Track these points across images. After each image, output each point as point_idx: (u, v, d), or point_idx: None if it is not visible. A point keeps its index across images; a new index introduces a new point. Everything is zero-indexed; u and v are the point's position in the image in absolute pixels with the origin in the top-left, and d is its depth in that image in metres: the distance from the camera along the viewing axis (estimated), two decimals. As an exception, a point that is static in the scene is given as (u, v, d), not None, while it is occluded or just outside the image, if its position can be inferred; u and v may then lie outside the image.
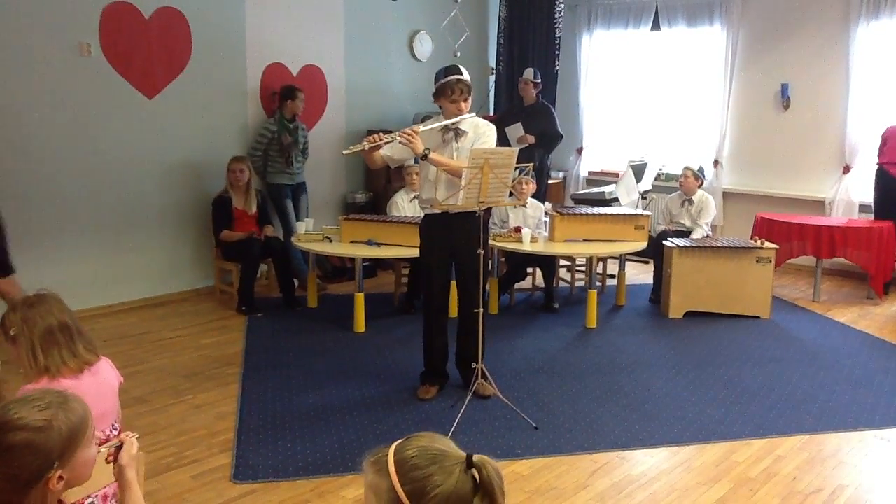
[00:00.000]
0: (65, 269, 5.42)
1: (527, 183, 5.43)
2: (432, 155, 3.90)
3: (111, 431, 2.22)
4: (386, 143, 3.89)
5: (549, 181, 7.81)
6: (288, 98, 6.23)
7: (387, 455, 1.33)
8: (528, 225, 5.78)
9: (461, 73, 3.98)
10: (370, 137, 3.88)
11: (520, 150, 4.44)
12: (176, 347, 4.96)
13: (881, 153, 6.49)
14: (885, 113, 6.61)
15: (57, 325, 2.18)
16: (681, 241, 5.79)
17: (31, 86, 5.20)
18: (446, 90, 3.95)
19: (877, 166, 6.54)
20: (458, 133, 4.04)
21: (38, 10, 5.14)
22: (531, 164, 4.29)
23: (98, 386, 2.20)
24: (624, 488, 3.25)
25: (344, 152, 4.00)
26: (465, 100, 3.97)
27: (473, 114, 4.09)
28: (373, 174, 7.32)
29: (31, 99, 5.19)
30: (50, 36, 5.22)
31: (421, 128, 3.95)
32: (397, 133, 3.88)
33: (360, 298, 5.32)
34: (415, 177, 5.78)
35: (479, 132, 4.07)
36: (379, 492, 1.31)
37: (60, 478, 1.52)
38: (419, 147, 3.85)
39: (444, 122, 4.01)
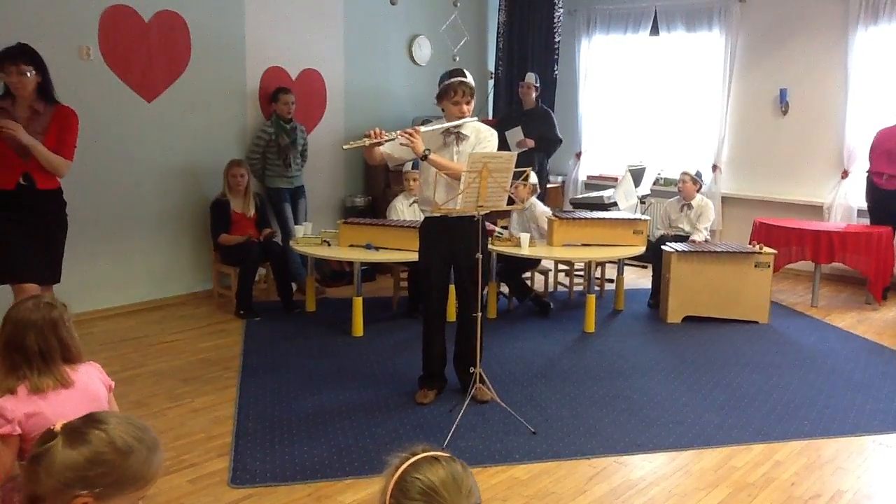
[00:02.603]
0: (63, 272, 5.40)
1: (515, 187, 5.43)
2: (432, 156, 3.89)
3: None
4: (387, 140, 3.88)
5: (548, 185, 7.82)
6: (273, 101, 6.25)
7: (402, 464, 1.32)
8: (527, 229, 5.80)
9: (465, 76, 3.98)
10: (372, 132, 3.86)
11: (519, 154, 4.44)
12: (174, 351, 4.95)
13: (870, 161, 6.53)
14: (883, 118, 6.61)
15: (15, 346, 2.15)
16: (679, 246, 5.79)
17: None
18: (449, 92, 3.95)
19: (866, 175, 6.58)
20: (459, 136, 4.04)
21: (38, 14, 5.14)
22: (528, 169, 4.28)
23: (74, 403, 2.14)
24: (622, 493, 3.25)
25: (344, 147, 3.99)
26: (468, 103, 3.97)
27: (476, 118, 4.09)
28: (372, 178, 7.33)
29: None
30: (49, 39, 5.21)
31: (422, 129, 3.95)
32: (399, 132, 3.88)
33: (358, 302, 5.32)
34: (412, 182, 5.79)
35: (481, 136, 4.06)
36: (381, 493, 1.32)
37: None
38: (420, 147, 3.85)
39: (446, 125, 4.01)
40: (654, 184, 7.65)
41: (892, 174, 6.33)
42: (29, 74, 3.90)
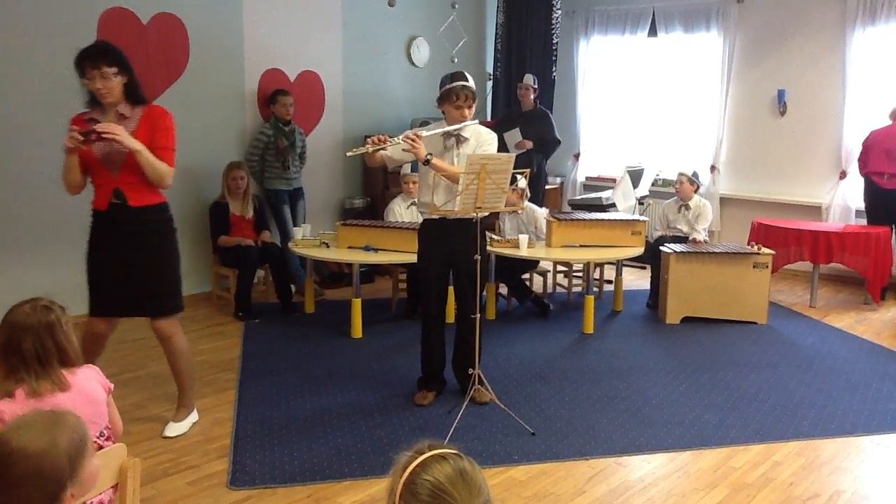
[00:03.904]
0: (62, 274, 5.41)
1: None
2: (434, 161, 3.90)
3: (97, 439, 2.20)
4: (390, 145, 3.89)
5: (547, 187, 7.83)
6: (272, 103, 6.25)
7: (410, 464, 1.31)
8: (524, 231, 5.81)
9: (467, 80, 3.99)
10: (374, 139, 3.88)
11: (517, 156, 4.44)
12: (173, 353, 4.94)
13: (866, 162, 6.49)
14: (881, 118, 6.61)
15: (13, 349, 2.15)
16: (678, 247, 5.80)
17: (29, 91, 5.20)
18: (451, 95, 3.96)
19: (863, 176, 6.56)
20: (459, 140, 4.04)
21: (35, 16, 5.15)
22: (526, 171, 4.29)
23: (72, 406, 2.09)
24: (621, 494, 3.25)
25: (348, 154, 4.00)
26: (470, 106, 3.98)
27: (476, 121, 4.09)
28: (371, 179, 7.33)
29: (28, 104, 5.19)
30: (47, 41, 5.22)
31: (424, 133, 3.96)
32: (401, 136, 3.89)
33: (357, 304, 5.32)
34: (412, 185, 5.80)
35: (481, 140, 4.07)
36: (390, 495, 1.32)
37: (72, 495, 1.55)
38: (422, 152, 3.85)
39: (447, 128, 4.01)
40: (653, 185, 7.65)
41: (893, 173, 6.32)
42: (113, 78, 3.40)
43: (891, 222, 6.35)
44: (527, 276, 6.32)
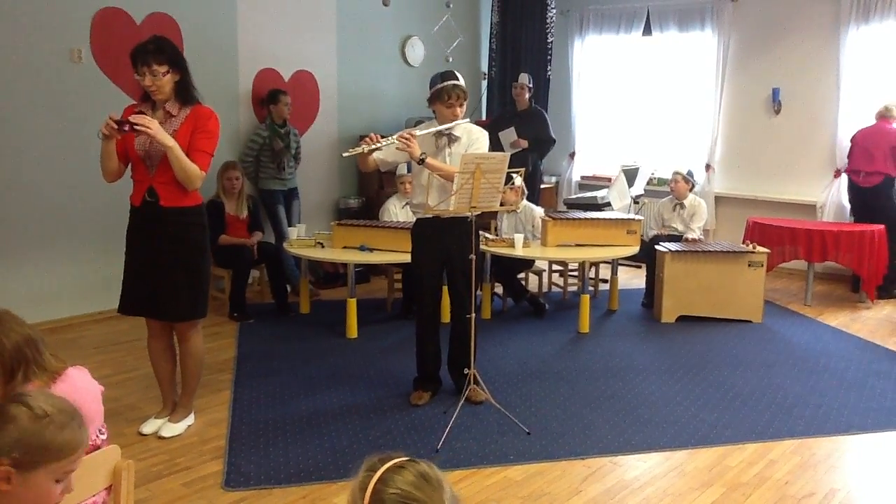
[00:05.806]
0: (56, 275, 5.39)
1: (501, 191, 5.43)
2: (429, 160, 3.90)
3: (97, 436, 2.19)
4: (385, 145, 3.89)
5: (542, 186, 7.83)
6: (271, 102, 6.23)
7: (372, 477, 1.30)
8: (521, 230, 5.81)
9: (457, 79, 3.99)
10: (367, 138, 3.88)
11: (512, 155, 4.45)
12: (167, 354, 4.92)
13: (850, 161, 6.63)
14: (874, 117, 6.63)
15: (23, 341, 2.12)
16: (673, 246, 5.81)
17: (22, 92, 5.18)
18: (442, 94, 3.96)
19: (845, 174, 6.71)
20: (451, 139, 4.04)
21: (29, 16, 5.13)
22: (522, 170, 4.29)
23: (74, 392, 2.10)
24: (616, 493, 3.25)
25: (343, 155, 4.00)
26: (461, 105, 3.98)
27: (467, 119, 4.09)
28: (366, 179, 7.32)
29: (21, 105, 5.17)
30: (40, 42, 5.20)
31: (417, 132, 3.95)
32: (395, 136, 3.89)
33: (352, 304, 5.31)
34: (407, 185, 5.79)
35: (473, 138, 4.07)
36: None
37: (9, 479, 1.49)
38: (416, 151, 3.85)
39: (439, 127, 4.01)
40: (648, 184, 7.67)
41: (868, 171, 6.42)
42: (163, 76, 3.39)
43: (872, 219, 6.39)
44: (522, 275, 6.32)
